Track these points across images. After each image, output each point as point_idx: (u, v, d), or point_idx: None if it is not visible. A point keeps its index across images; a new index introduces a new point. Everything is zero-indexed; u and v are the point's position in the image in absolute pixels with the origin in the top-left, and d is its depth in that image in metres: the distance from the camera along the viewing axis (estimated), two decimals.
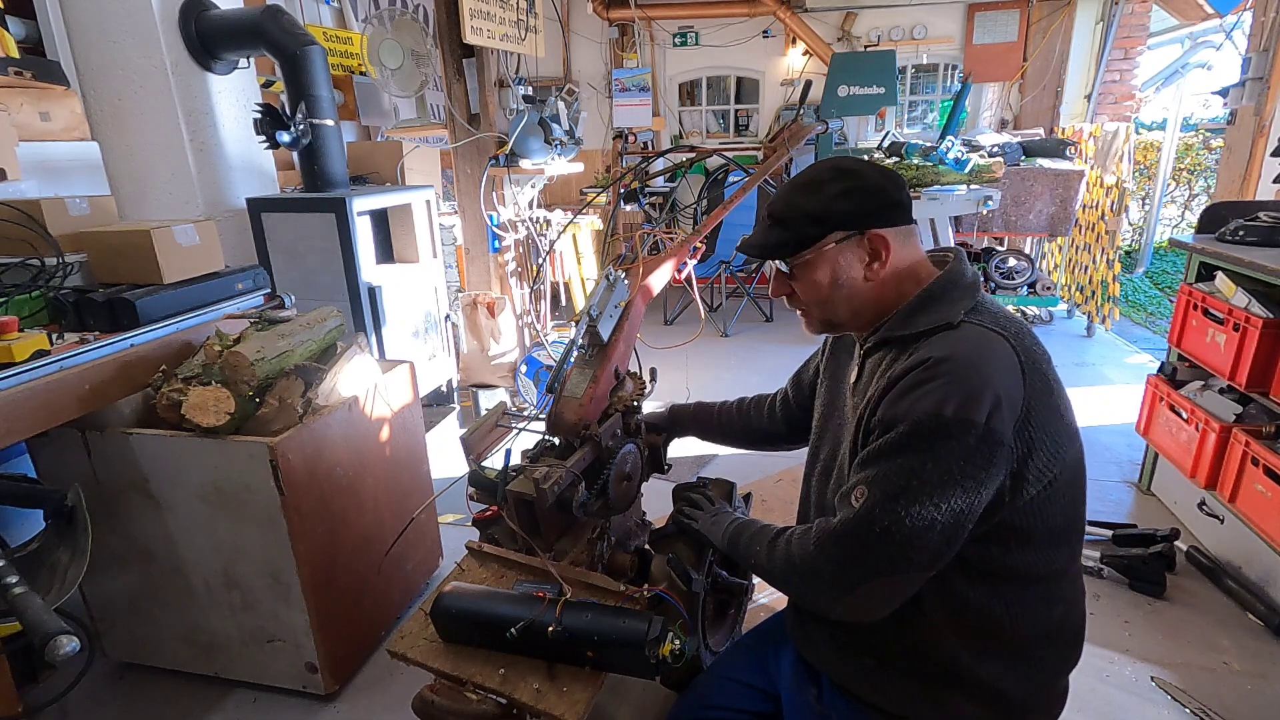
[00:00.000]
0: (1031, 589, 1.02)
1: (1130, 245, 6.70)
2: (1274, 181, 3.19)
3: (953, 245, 1.13)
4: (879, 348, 1.09)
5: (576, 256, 4.15)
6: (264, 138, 2.51)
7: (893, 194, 1.05)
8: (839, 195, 1.05)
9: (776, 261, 1.12)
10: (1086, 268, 4.85)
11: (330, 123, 2.70)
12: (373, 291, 2.76)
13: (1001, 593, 1.00)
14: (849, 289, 1.08)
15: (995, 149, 4.66)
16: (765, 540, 1.11)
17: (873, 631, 1.04)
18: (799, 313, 1.16)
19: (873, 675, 1.09)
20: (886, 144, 4.79)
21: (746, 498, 1.72)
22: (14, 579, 1.21)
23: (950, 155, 4.24)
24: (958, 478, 0.90)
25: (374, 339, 2.80)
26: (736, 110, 6.75)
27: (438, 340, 3.31)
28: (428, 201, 3.16)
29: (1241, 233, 2.31)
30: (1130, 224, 6.59)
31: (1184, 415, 2.40)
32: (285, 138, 2.49)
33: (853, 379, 1.15)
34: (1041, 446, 0.95)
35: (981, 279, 1.08)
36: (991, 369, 0.93)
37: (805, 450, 1.31)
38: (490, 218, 3.57)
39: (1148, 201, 6.22)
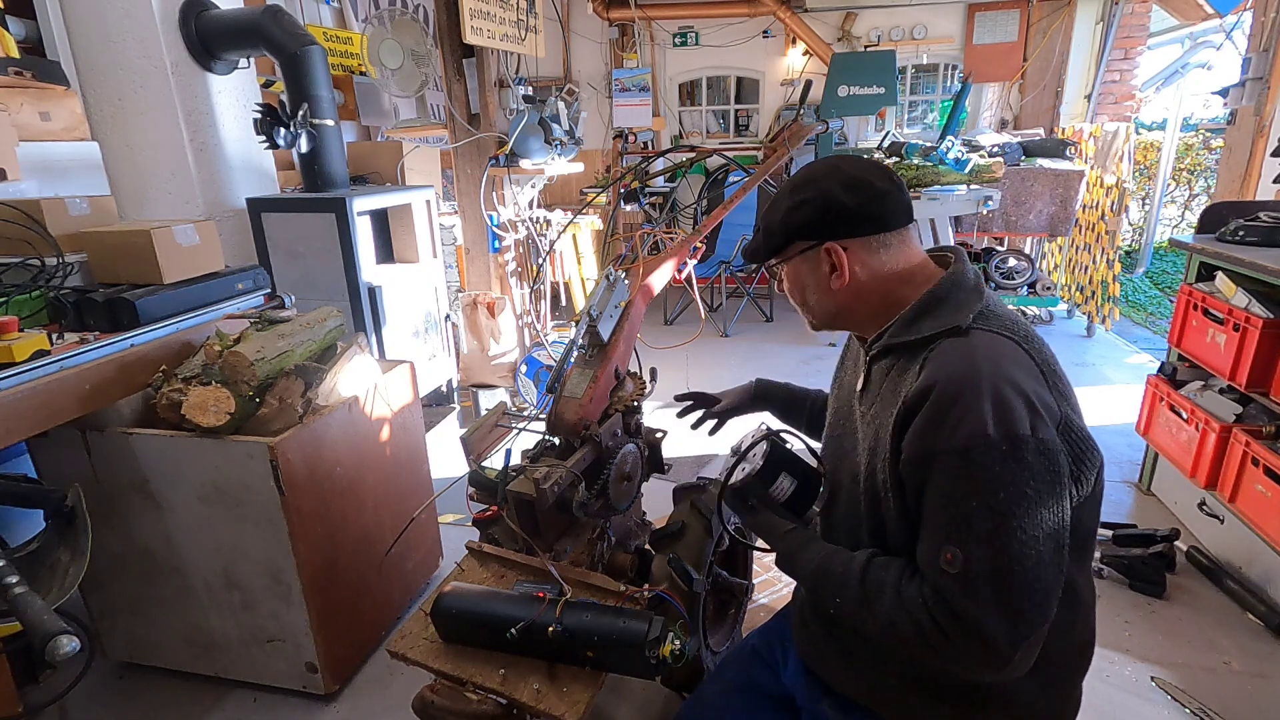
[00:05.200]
0: (1063, 600, 0.93)
1: (1130, 245, 6.70)
2: (1274, 181, 3.19)
3: (953, 245, 1.11)
4: (884, 355, 1.06)
5: (576, 256, 4.15)
6: (264, 138, 2.51)
7: (850, 207, 1.02)
8: (792, 209, 1.07)
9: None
10: (1086, 268, 4.85)
11: (330, 123, 2.70)
12: (373, 291, 2.76)
13: None
14: (818, 296, 1.10)
15: (995, 149, 4.66)
16: (855, 603, 0.97)
17: (895, 649, 0.99)
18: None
19: (893, 693, 1.05)
20: (886, 144, 4.79)
21: None
22: (14, 579, 1.21)
23: (950, 155, 4.24)
24: (1035, 499, 0.84)
25: (374, 339, 2.80)
26: (736, 110, 6.74)
27: (438, 340, 3.31)
28: (428, 201, 3.16)
29: (1241, 233, 2.32)
30: (1130, 224, 6.59)
31: (1184, 415, 2.40)
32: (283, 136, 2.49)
33: (859, 385, 1.11)
34: (1080, 450, 0.92)
35: (982, 279, 1.06)
36: (1015, 376, 0.89)
37: None
38: (490, 218, 3.57)
39: (1148, 201, 6.22)
